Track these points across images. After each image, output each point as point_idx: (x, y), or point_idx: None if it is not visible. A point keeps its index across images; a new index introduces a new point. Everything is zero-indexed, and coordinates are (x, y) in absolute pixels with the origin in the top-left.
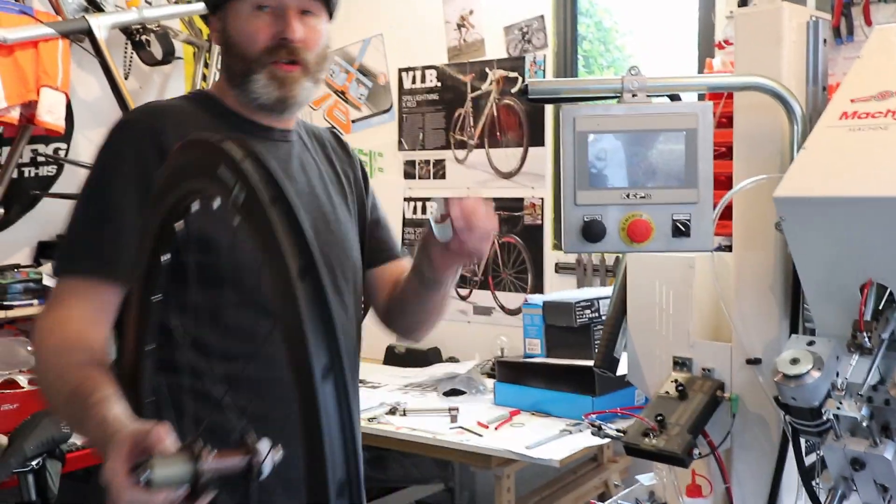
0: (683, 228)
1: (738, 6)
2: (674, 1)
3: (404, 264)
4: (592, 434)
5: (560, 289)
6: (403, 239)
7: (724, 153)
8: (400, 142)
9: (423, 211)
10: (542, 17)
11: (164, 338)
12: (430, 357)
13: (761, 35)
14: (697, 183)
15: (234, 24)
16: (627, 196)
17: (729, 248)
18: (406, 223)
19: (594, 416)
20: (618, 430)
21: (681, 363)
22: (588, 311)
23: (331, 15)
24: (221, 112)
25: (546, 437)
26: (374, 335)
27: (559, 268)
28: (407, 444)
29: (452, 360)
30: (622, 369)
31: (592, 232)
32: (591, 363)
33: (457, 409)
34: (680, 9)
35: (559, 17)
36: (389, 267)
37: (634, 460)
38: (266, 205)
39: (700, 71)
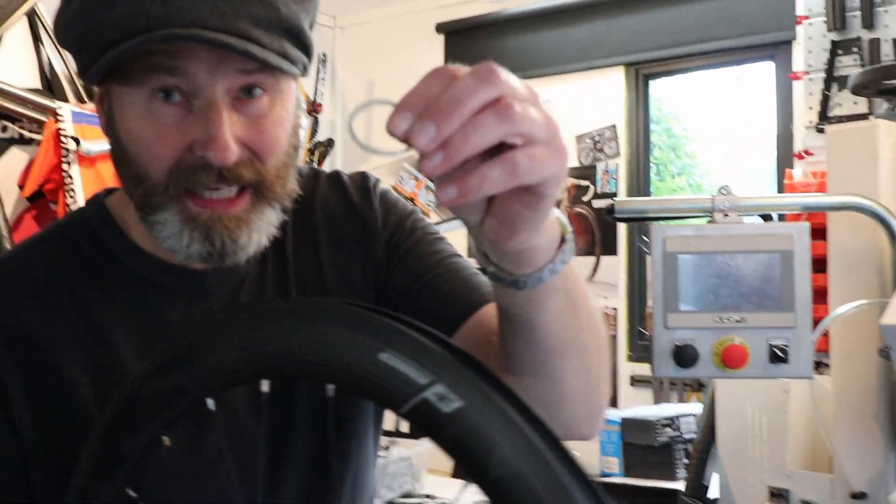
0: (781, 354)
1: (819, 118)
2: (748, 109)
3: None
4: None
5: (635, 402)
6: None
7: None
8: (469, 249)
9: None
10: (613, 126)
11: None
12: None
13: (855, 152)
14: (795, 306)
15: (123, 120)
16: (721, 319)
17: (821, 365)
18: None
19: None
20: None
21: (777, 494)
22: (669, 429)
23: (304, 69)
24: (114, 256)
25: None
26: None
27: (634, 381)
28: None
29: None
30: (712, 494)
31: (685, 357)
32: (672, 484)
33: None
34: (753, 117)
35: (631, 126)
36: (470, 325)
37: None
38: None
39: (779, 181)
